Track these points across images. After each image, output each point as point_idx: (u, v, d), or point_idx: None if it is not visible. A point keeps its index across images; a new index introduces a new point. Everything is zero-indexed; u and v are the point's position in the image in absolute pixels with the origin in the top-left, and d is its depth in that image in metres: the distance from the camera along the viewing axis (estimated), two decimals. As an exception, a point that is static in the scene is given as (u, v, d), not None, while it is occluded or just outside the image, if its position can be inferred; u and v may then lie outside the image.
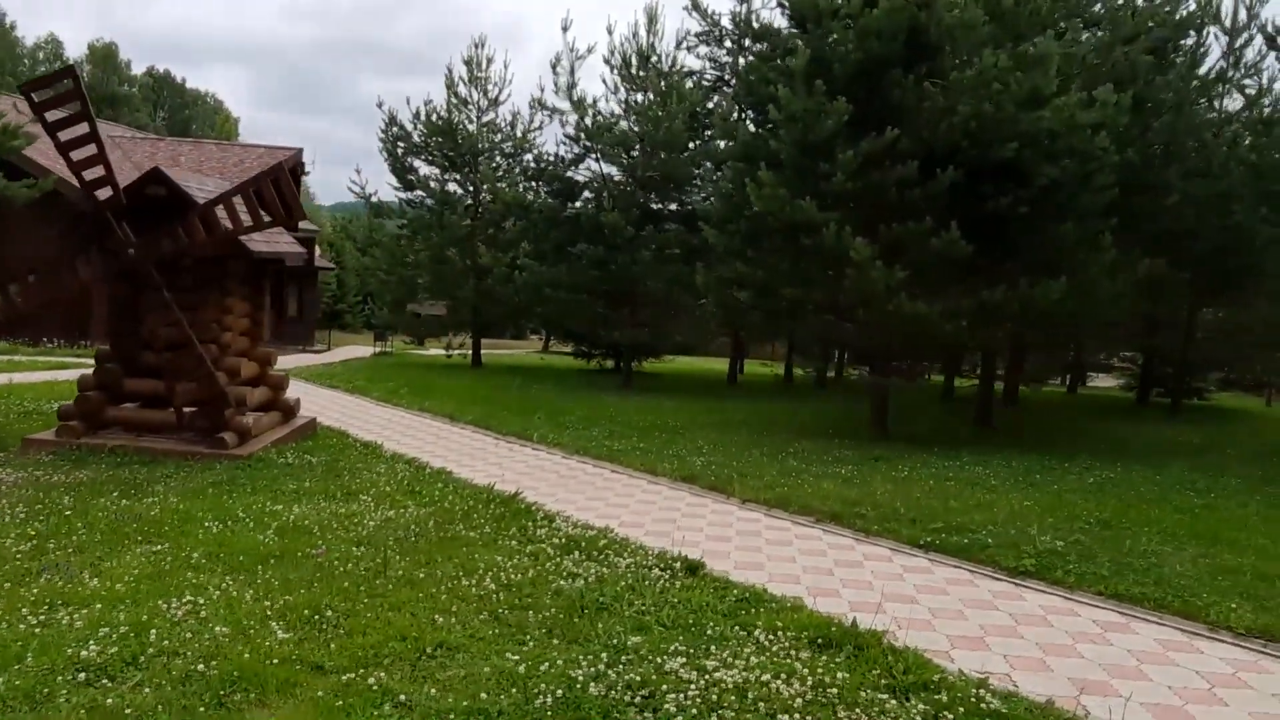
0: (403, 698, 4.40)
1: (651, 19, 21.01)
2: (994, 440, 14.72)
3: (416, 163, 27.26)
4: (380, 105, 25.41)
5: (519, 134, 25.68)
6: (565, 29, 21.78)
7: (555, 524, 7.93)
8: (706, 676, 4.71)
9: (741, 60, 19.95)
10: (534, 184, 22.24)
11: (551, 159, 22.44)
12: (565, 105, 21.26)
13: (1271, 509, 9.95)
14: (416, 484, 9.50)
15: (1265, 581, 7.01)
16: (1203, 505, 9.96)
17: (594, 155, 21.34)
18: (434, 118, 25.47)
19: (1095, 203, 12.13)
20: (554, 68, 20.63)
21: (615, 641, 5.21)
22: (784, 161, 12.40)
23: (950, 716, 4.38)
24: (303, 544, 6.93)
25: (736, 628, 5.50)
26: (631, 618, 5.64)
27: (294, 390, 17.93)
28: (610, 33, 23.75)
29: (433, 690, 4.50)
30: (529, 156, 23.69)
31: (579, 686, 4.57)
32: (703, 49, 23.48)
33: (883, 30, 11.41)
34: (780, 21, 15.87)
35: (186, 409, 10.61)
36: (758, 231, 13.18)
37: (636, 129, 20.40)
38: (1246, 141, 15.50)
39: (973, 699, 4.59)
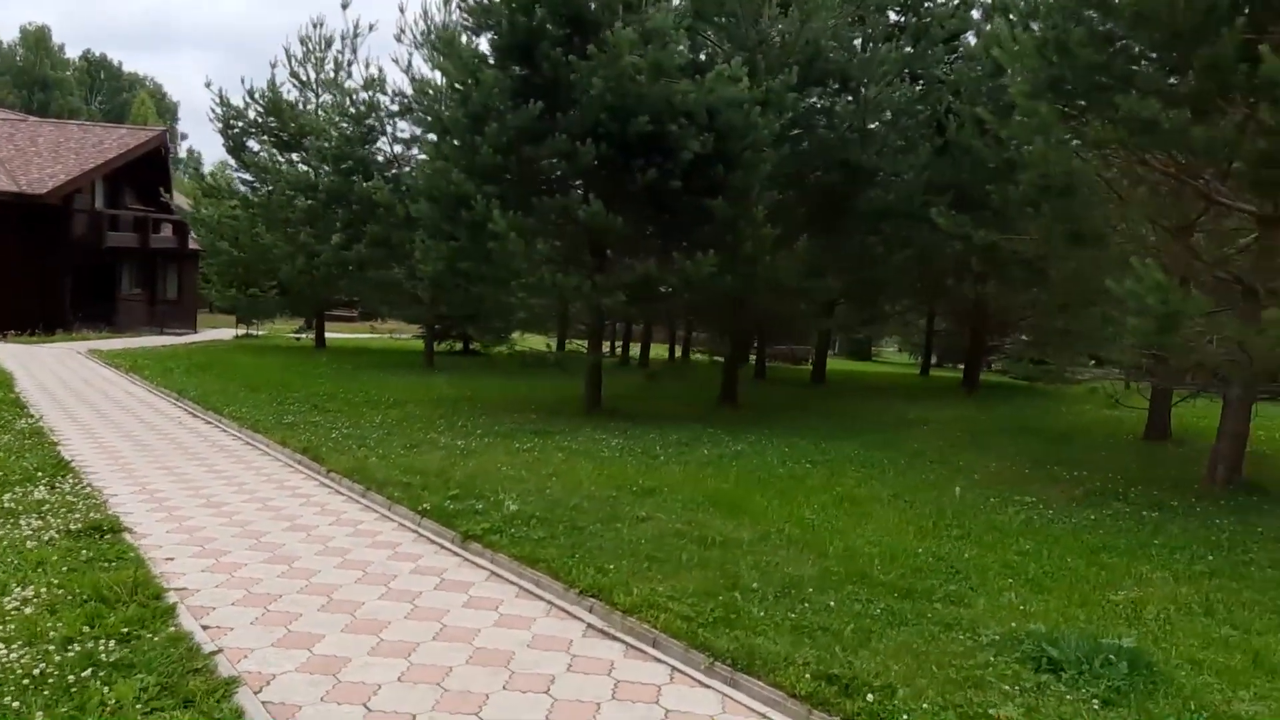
0: None
1: (445, -3, 20.83)
2: (713, 417, 14.80)
3: (252, 143, 26.95)
4: (209, 85, 24.92)
5: (353, 113, 25.36)
6: (345, 6, 21.39)
7: (58, 491, 7.83)
8: None
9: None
10: (323, 165, 22.02)
11: (338, 137, 22.22)
12: (351, 84, 21.07)
13: (859, 482, 10.04)
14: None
15: (701, 546, 7.04)
16: (785, 474, 10.07)
17: (384, 135, 21.23)
18: (258, 96, 25.17)
19: (749, 178, 12.16)
20: (326, 45, 20.45)
21: None
22: (452, 133, 12.37)
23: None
24: None
25: (17, 586, 5.46)
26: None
27: (76, 367, 17.93)
28: (403, 11, 23.47)
29: None
30: (314, 136, 23.34)
31: None
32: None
33: (528, 3, 11.38)
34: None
35: None
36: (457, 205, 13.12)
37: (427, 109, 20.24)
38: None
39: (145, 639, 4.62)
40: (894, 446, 12.58)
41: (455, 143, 12.87)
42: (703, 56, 14.89)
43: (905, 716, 4.21)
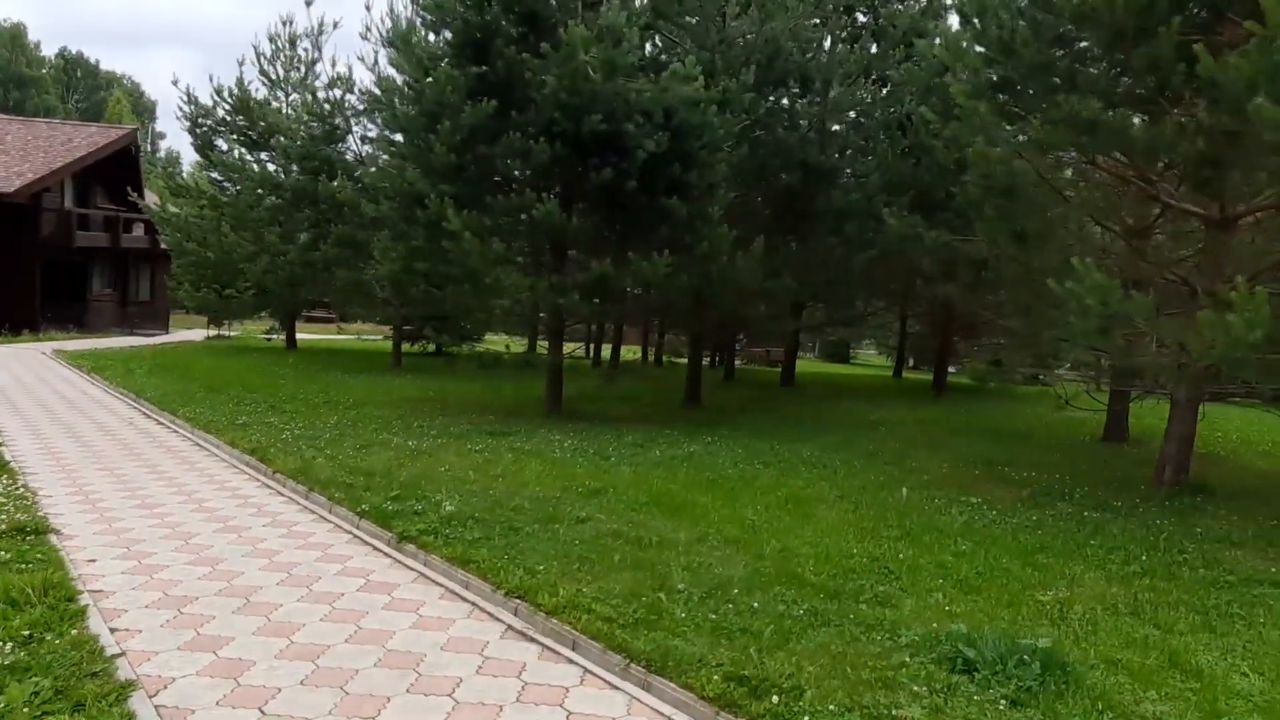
0: None
1: (410, -5, 20.72)
2: (675, 418, 14.76)
3: (220, 141, 26.75)
4: (175, 82, 24.68)
5: (316, 112, 25.18)
6: (309, 3, 21.29)
7: (-20, 492, 7.73)
8: None
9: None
10: (291, 165, 21.86)
11: (304, 136, 22.08)
12: (317, 83, 20.92)
13: (808, 483, 10.00)
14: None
15: (636, 547, 6.98)
16: (735, 475, 10.03)
17: (351, 134, 21.12)
18: (226, 93, 24.98)
19: (705, 178, 12.14)
20: (293, 44, 20.33)
21: None
22: (408, 130, 12.30)
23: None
24: None
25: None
26: None
27: (36, 367, 17.81)
28: (369, 8, 23.35)
29: None
30: (283, 136, 23.15)
31: None
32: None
33: (481, 0, 11.33)
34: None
35: None
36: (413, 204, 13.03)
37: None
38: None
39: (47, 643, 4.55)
40: (849, 448, 12.57)
41: (415, 141, 12.80)
42: (665, 57, 14.87)
43: (807, 718, 4.17)
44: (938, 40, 14.03)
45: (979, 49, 8.41)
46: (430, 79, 11.76)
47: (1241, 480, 11.51)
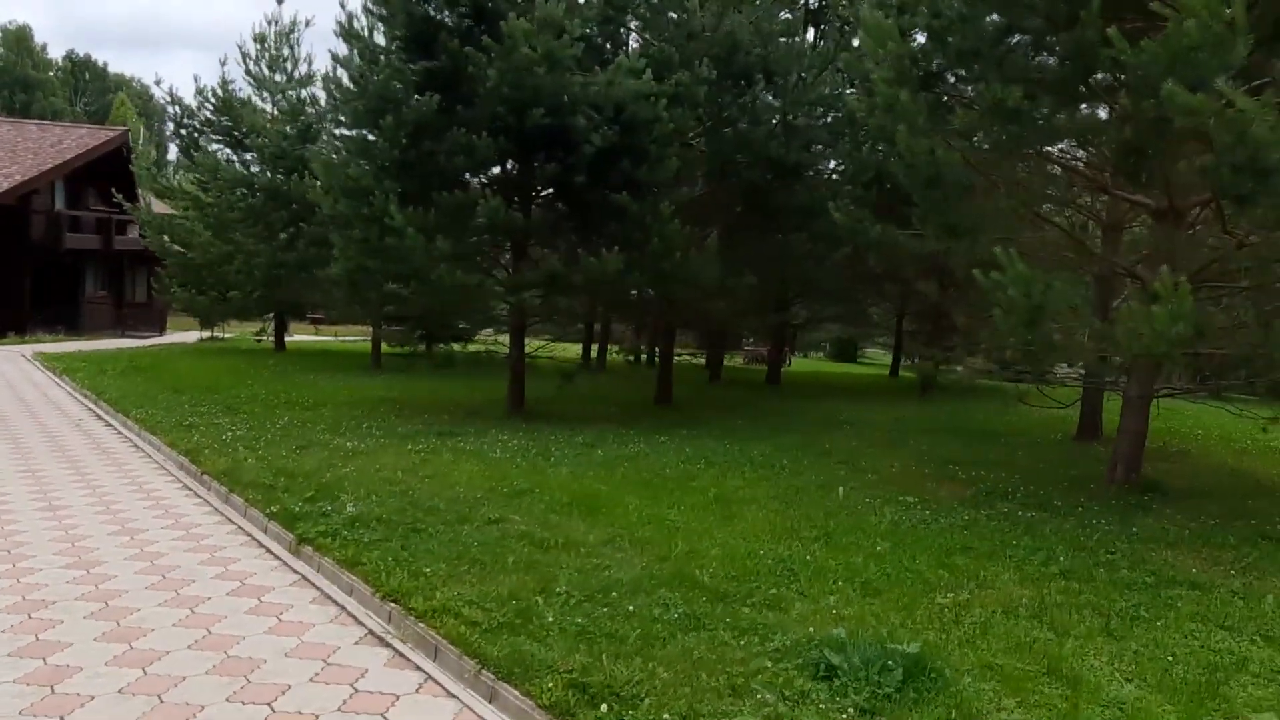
0: None
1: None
2: (640, 419, 14.53)
3: (205, 142, 26.73)
4: (158, 83, 24.70)
5: (288, 110, 25.07)
6: (280, 1, 21.23)
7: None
8: None
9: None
10: (275, 164, 21.77)
11: (276, 134, 21.99)
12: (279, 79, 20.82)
13: (748, 483, 9.77)
14: None
15: (539, 549, 6.77)
16: (673, 475, 9.82)
17: (325, 133, 21.00)
18: (209, 94, 24.95)
19: (655, 174, 11.91)
20: (262, 42, 20.21)
21: None
22: (355, 124, 12.16)
23: None
24: None
25: None
26: None
27: (7, 369, 17.67)
28: (344, 6, 23.21)
29: None
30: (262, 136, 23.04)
31: None
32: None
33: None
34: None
35: None
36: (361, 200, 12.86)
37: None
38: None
39: None
40: (805, 447, 12.30)
41: (367, 135, 12.66)
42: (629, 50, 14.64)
43: (630, 728, 3.96)
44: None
45: (905, 34, 8.16)
46: (374, 73, 11.59)
47: (1202, 478, 11.19)
